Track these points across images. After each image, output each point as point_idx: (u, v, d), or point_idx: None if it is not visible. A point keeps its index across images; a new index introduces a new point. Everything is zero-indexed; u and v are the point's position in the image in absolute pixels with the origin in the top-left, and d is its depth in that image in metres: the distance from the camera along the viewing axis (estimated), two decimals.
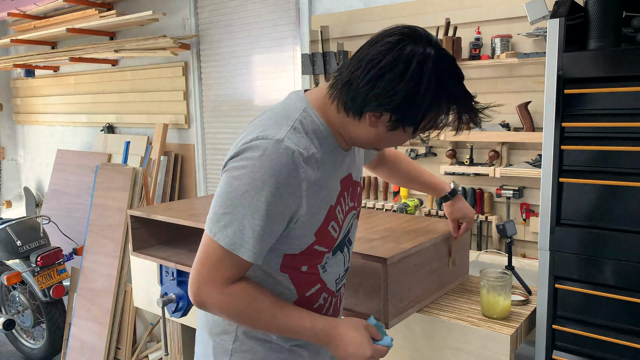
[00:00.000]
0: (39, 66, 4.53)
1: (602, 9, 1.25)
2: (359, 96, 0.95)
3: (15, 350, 3.64)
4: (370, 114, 0.97)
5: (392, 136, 1.01)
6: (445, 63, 0.97)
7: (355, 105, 0.97)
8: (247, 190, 0.93)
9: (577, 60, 1.26)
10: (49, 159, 4.87)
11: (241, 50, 3.32)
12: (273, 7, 3.10)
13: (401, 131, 0.99)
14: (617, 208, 1.25)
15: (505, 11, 2.21)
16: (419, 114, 0.95)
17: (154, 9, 3.50)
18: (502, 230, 1.58)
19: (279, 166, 0.93)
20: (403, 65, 0.91)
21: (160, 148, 3.60)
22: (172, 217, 1.82)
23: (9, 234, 3.24)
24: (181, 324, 2.12)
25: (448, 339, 1.41)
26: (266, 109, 1.07)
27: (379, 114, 0.96)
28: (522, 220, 2.23)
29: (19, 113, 5.25)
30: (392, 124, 0.97)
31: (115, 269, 3.04)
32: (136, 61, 3.99)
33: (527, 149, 2.23)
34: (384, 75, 0.92)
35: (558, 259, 1.33)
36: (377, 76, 0.93)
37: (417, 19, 2.47)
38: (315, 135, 1.01)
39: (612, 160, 1.25)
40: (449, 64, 0.98)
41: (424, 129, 1.00)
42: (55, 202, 4.25)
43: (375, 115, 0.97)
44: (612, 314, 1.28)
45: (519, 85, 2.22)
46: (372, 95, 0.93)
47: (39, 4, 3.98)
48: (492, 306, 1.41)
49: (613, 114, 1.24)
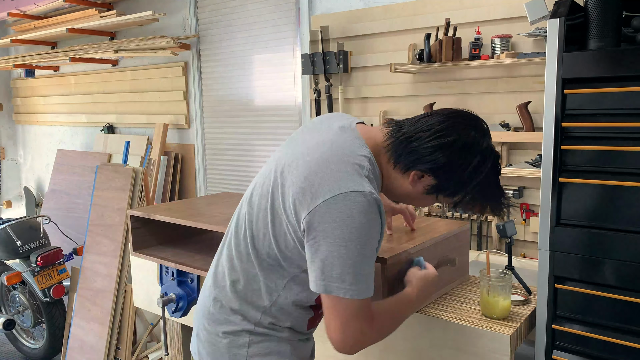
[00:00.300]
0: (39, 66, 4.53)
1: (602, 8, 1.25)
2: (415, 155, 1.08)
3: (15, 350, 3.64)
4: (415, 173, 1.10)
5: (424, 198, 1.15)
6: (497, 167, 1.13)
7: (407, 161, 1.09)
8: (357, 245, 0.99)
9: (577, 60, 1.26)
10: (49, 159, 4.87)
11: (241, 50, 3.32)
12: (273, 7, 3.10)
13: (434, 197, 1.14)
14: (617, 208, 1.25)
15: (505, 11, 2.21)
16: (459, 194, 1.12)
17: (154, 9, 3.51)
18: (502, 230, 1.58)
19: (375, 215, 1.01)
20: (469, 153, 1.07)
21: (160, 148, 3.60)
22: (172, 217, 1.82)
23: (9, 234, 3.24)
24: (181, 324, 2.12)
25: (448, 339, 1.41)
26: (310, 144, 1.12)
27: (423, 175, 1.10)
28: (522, 220, 2.23)
29: (19, 113, 5.25)
30: (431, 188, 1.12)
31: (115, 269, 3.04)
32: (136, 61, 3.99)
33: (527, 149, 2.23)
34: (447, 149, 1.06)
35: (558, 259, 1.33)
36: (441, 146, 1.06)
37: (417, 19, 2.47)
38: (377, 184, 1.11)
39: (612, 160, 1.25)
40: (498, 168, 1.14)
41: (453, 203, 1.14)
42: (55, 202, 4.26)
43: (418, 175, 1.10)
44: (612, 314, 1.28)
45: (519, 85, 2.22)
46: (429, 158, 1.07)
47: (39, 4, 3.98)
48: (492, 306, 1.41)
49: (613, 114, 1.24)
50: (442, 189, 1.12)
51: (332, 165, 1.04)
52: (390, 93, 2.62)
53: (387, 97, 2.63)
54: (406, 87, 2.56)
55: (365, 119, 2.70)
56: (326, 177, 1.02)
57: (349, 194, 0.99)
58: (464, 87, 2.38)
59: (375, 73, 2.66)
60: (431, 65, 2.31)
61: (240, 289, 1.17)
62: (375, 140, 1.13)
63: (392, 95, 2.61)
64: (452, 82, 2.41)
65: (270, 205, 1.11)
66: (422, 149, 1.08)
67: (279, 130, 3.20)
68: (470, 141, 1.08)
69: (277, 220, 1.10)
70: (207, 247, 1.99)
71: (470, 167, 1.08)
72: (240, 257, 1.17)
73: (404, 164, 1.10)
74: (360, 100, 2.74)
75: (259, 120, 3.30)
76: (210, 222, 1.74)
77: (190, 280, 1.88)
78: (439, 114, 1.12)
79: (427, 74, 2.48)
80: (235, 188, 3.50)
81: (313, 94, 2.85)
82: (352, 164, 1.04)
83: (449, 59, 2.24)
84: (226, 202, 2.11)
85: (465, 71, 2.37)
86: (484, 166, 1.09)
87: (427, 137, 1.08)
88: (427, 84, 2.49)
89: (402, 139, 1.10)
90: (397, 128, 1.13)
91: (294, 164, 1.09)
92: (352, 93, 2.75)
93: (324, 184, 1.01)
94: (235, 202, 2.09)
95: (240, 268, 1.17)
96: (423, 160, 1.08)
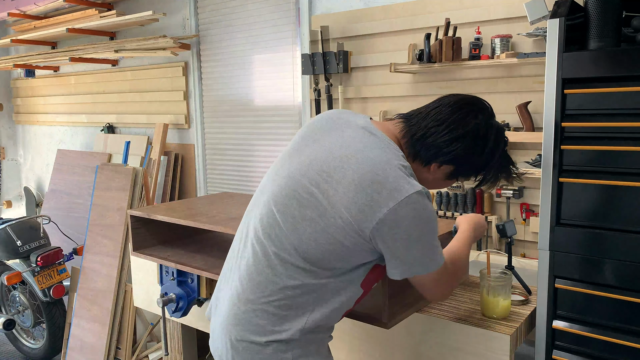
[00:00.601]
0: (39, 66, 4.53)
1: (602, 8, 1.25)
2: (433, 149, 1.16)
3: (15, 350, 3.64)
4: (434, 164, 1.18)
5: (444, 182, 1.24)
6: (506, 140, 1.23)
7: (427, 155, 1.17)
8: (430, 233, 1.11)
9: (577, 60, 1.26)
10: (49, 159, 4.87)
11: (241, 50, 3.32)
12: (273, 7, 3.10)
13: (454, 180, 1.24)
14: (617, 208, 1.25)
15: (505, 11, 2.21)
16: (477, 173, 1.23)
17: (154, 9, 3.51)
18: (502, 230, 1.58)
19: (429, 204, 1.11)
20: (484, 138, 1.16)
21: (161, 148, 3.60)
22: (172, 217, 1.82)
23: (9, 234, 3.24)
24: (181, 324, 2.12)
25: (448, 339, 1.41)
26: (348, 144, 1.14)
27: (442, 165, 1.18)
28: (522, 220, 2.23)
29: (19, 113, 5.25)
30: (450, 174, 1.21)
31: (115, 269, 3.04)
32: (136, 61, 3.99)
33: (527, 149, 2.23)
34: (462, 139, 1.14)
35: (558, 259, 1.33)
36: (457, 138, 1.14)
37: (417, 19, 2.47)
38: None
39: (612, 160, 1.25)
40: (507, 140, 1.24)
41: (471, 181, 1.26)
42: (55, 202, 4.25)
43: (438, 164, 1.18)
44: (612, 313, 1.28)
45: (519, 85, 2.22)
46: (446, 150, 1.15)
47: (39, 4, 3.98)
48: (492, 306, 1.41)
49: (613, 114, 1.24)
50: (462, 173, 1.22)
51: (385, 172, 1.08)
52: (390, 93, 2.62)
53: (387, 97, 2.63)
54: (406, 87, 2.56)
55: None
56: (383, 184, 1.06)
57: (410, 197, 1.06)
58: (464, 87, 2.38)
59: (375, 73, 2.66)
60: (431, 65, 2.31)
61: (286, 298, 1.13)
62: (396, 138, 1.19)
63: (392, 95, 2.61)
64: (452, 82, 2.41)
65: (315, 209, 1.10)
66: (439, 143, 1.15)
67: (279, 130, 3.20)
68: (482, 126, 1.16)
69: (326, 224, 1.09)
70: (207, 247, 1.99)
71: (487, 149, 1.17)
72: (285, 267, 1.13)
73: (423, 158, 1.18)
74: (360, 100, 2.74)
75: (259, 120, 3.30)
76: (210, 222, 1.74)
77: (190, 280, 1.87)
78: (446, 104, 1.18)
79: (427, 74, 2.48)
80: (235, 188, 3.50)
81: (313, 94, 2.85)
82: (399, 167, 1.09)
83: (449, 59, 2.24)
84: (226, 202, 2.11)
85: (465, 71, 2.37)
86: (498, 146, 1.19)
87: (442, 131, 1.14)
88: (427, 84, 2.49)
89: (418, 137, 1.17)
90: (409, 124, 1.19)
91: (340, 170, 1.09)
92: (352, 93, 2.75)
93: (383, 192, 1.06)
94: (235, 202, 2.09)
95: (285, 276, 1.13)
96: (441, 152, 1.15)
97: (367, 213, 1.06)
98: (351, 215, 1.07)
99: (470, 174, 1.24)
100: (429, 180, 1.22)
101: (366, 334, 1.56)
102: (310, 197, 1.11)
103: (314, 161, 1.14)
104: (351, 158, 1.10)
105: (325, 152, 1.14)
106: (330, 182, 1.09)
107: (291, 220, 1.12)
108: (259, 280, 1.15)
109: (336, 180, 1.09)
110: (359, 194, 1.06)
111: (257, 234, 1.18)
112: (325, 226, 1.09)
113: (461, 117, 1.15)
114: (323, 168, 1.11)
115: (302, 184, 1.13)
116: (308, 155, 1.16)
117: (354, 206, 1.06)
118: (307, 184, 1.12)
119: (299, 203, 1.12)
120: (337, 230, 1.08)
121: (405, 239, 1.08)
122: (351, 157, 1.10)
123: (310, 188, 1.11)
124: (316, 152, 1.15)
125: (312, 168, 1.13)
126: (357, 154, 1.10)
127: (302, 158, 1.17)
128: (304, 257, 1.12)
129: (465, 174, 1.23)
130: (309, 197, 1.11)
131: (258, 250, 1.17)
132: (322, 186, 1.10)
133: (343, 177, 1.08)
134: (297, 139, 1.24)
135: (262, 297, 1.14)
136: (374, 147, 1.11)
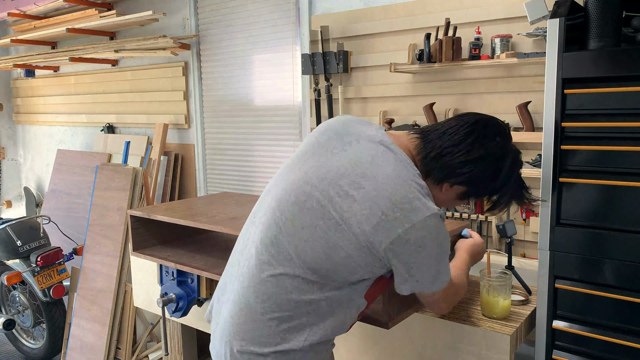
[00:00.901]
0: (39, 66, 4.53)
1: (602, 8, 1.25)
2: (447, 169, 1.14)
3: (15, 350, 3.64)
4: (447, 184, 1.16)
5: (455, 202, 1.23)
6: (521, 164, 1.22)
7: (440, 175, 1.15)
8: (441, 253, 1.12)
9: (577, 60, 1.26)
10: (49, 159, 4.87)
11: (241, 50, 3.32)
12: (273, 7, 3.10)
13: (466, 200, 1.22)
14: (617, 208, 1.25)
15: (505, 11, 2.21)
16: (490, 196, 1.21)
17: (154, 9, 3.51)
18: (502, 230, 1.58)
19: (443, 226, 1.12)
20: (499, 162, 1.15)
21: (160, 148, 3.60)
22: (172, 217, 1.82)
23: (9, 234, 3.24)
24: (181, 323, 2.12)
25: (448, 339, 1.41)
26: (366, 159, 1.12)
27: (454, 185, 1.16)
28: (522, 220, 2.23)
29: (19, 113, 5.25)
30: (462, 195, 1.19)
31: (115, 269, 3.04)
32: (136, 61, 3.99)
33: (527, 149, 2.23)
34: (478, 162, 1.12)
35: (558, 259, 1.33)
36: (473, 160, 1.12)
37: (417, 18, 2.47)
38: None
39: (612, 160, 1.25)
40: (521, 164, 1.23)
41: (484, 202, 1.26)
42: (55, 202, 4.25)
43: (450, 184, 1.16)
44: (612, 313, 1.28)
45: (519, 85, 2.22)
46: (460, 171, 1.13)
47: (39, 4, 3.98)
48: (492, 306, 1.41)
49: (613, 114, 1.24)
50: (474, 194, 1.20)
51: (402, 191, 1.07)
52: (390, 93, 2.62)
53: (387, 97, 2.63)
54: (406, 87, 2.56)
55: (366, 119, 2.70)
56: (400, 204, 1.06)
57: (425, 219, 1.06)
58: (463, 87, 2.38)
59: (375, 73, 2.66)
60: (431, 65, 2.31)
61: (290, 310, 1.11)
62: (410, 153, 1.17)
63: (392, 95, 2.61)
64: (452, 82, 2.41)
65: (326, 221, 1.08)
66: (453, 164, 1.13)
67: (279, 130, 3.20)
68: (499, 150, 1.15)
69: (338, 238, 1.08)
70: (207, 247, 1.99)
71: (502, 173, 1.15)
72: (290, 278, 1.11)
73: (436, 177, 1.16)
74: (360, 100, 2.74)
75: (259, 120, 3.30)
76: (210, 222, 1.74)
77: (190, 280, 1.87)
78: (464, 124, 1.16)
79: (427, 74, 2.48)
80: (235, 188, 3.50)
81: (313, 94, 2.85)
82: (415, 186, 1.09)
83: (449, 59, 2.24)
84: (226, 202, 2.11)
85: (465, 71, 2.37)
86: (513, 171, 1.18)
87: (458, 152, 1.13)
88: (427, 84, 2.49)
89: (433, 156, 1.15)
90: (425, 140, 1.17)
91: (356, 186, 1.08)
92: (352, 93, 2.75)
93: (400, 212, 1.05)
94: (235, 202, 2.09)
95: (290, 288, 1.11)
96: (455, 173, 1.14)
97: (381, 231, 1.05)
98: (364, 232, 1.06)
99: (483, 196, 1.22)
100: (441, 199, 1.20)
101: (366, 334, 1.56)
102: (321, 209, 1.09)
103: (328, 173, 1.11)
104: (369, 175, 1.08)
105: (341, 165, 1.12)
106: (345, 198, 1.07)
107: (300, 230, 1.10)
108: (262, 291, 1.12)
109: (352, 196, 1.07)
110: (374, 212, 1.05)
111: (262, 241, 1.15)
112: (337, 239, 1.07)
113: (478, 140, 1.13)
114: (338, 182, 1.09)
115: (312, 195, 1.10)
116: (322, 165, 1.14)
117: (368, 223, 1.05)
118: (319, 196, 1.10)
119: (309, 214, 1.10)
120: (348, 244, 1.07)
121: (417, 258, 1.09)
122: (368, 173, 1.08)
123: (323, 200, 1.09)
124: (331, 163, 1.13)
125: (326, 180, 1.10)
126: (375, 170, 1.09)
127: (315, 166, 1.14)
128: (311, 268, 1.10)
129: (477, 196, 1.21)
130: (320, 210, 1.09)
131: (261, 259, 1.14)
132: (335, 200, 1.08)
133: (359, 194, 1.07)
134: (311, 143, 1.21)
135: (265, 308, 1.12)
136: (391, 164, 1.10)
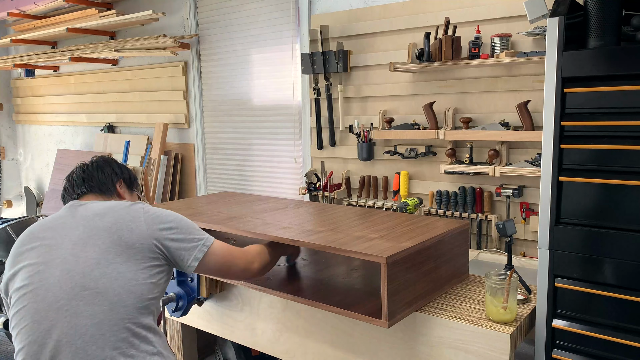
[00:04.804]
0: (39, 66, 4.53)
1: (602, 7, 1.25)
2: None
3: None
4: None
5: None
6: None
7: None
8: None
9: (577, 59, 1.26)
10: (49, 158, 4.87)
11: (241, 49, 3.32)
12: (273, 6, 3.10)
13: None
14: (617, 207, 1.25)
15: (505, 10, 2.21)
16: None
17: (154, 8, 3.50)
18: (501, 229, 1.58)
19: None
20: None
21: (160, 148, 3.60)
22: None
23: (9, 234, 3.24)
24: (181, 323, 2.12)
25: (448, 338, 1.41)
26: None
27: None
28: (521, 219, 2.23)
29: (19, 113, 5.25)
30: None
31: None
32: (136, 61, 3.99)
33: (527, 148, 2.23)
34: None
35: (558, 258, 1.33)
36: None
37: (417, 18, 2.47)
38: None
39: (611, 159, 1.25)
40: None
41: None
42: (56, 201, 4.25)
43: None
44: (611, 312, 1.28)
45: (519, 84, 2.22)
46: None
47: (39, 3, 3.98)
48: (502, 313, 1.39)
49: (613, 113, 1.24)
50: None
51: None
52: (390, 92, 2.62)
53: (387, 96, 2.63)
54: (406, 86, 2.56)
55: (365, 118, 2.70)
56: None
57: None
58: (463, 86, 2.38)
59: (375, 72, 2.66)
60: (431, 65, 2.31)
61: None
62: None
63: (392, 94, 2.61)
64: (451, 81, 2.41)
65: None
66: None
67: (279, 129, 3.20)
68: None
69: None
70: None
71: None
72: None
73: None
74: (360, 100, 2.74)
75: (258, 119, 3.30)
76: (210, 221, 1.74)
77: (190, 280, 1.88)
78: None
79: (427, 73, 2.48)
80: (235, 187, 3.50)
81: (313, 93, 2.85)
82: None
83: (448, 58, 2.24)
84: (226, 201, 2.11)
85: (464, 70, 2.37)
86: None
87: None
88: (426, 83, 2.49)
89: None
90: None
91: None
92: (352, 92, 2.75)
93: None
94: (235, 202, 2.09)
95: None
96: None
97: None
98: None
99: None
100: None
101: (366, 334, 1.56)
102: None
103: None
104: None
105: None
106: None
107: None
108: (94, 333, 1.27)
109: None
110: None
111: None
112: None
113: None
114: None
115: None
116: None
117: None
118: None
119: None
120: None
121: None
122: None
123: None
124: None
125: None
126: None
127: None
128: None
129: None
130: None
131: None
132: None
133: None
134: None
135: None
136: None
